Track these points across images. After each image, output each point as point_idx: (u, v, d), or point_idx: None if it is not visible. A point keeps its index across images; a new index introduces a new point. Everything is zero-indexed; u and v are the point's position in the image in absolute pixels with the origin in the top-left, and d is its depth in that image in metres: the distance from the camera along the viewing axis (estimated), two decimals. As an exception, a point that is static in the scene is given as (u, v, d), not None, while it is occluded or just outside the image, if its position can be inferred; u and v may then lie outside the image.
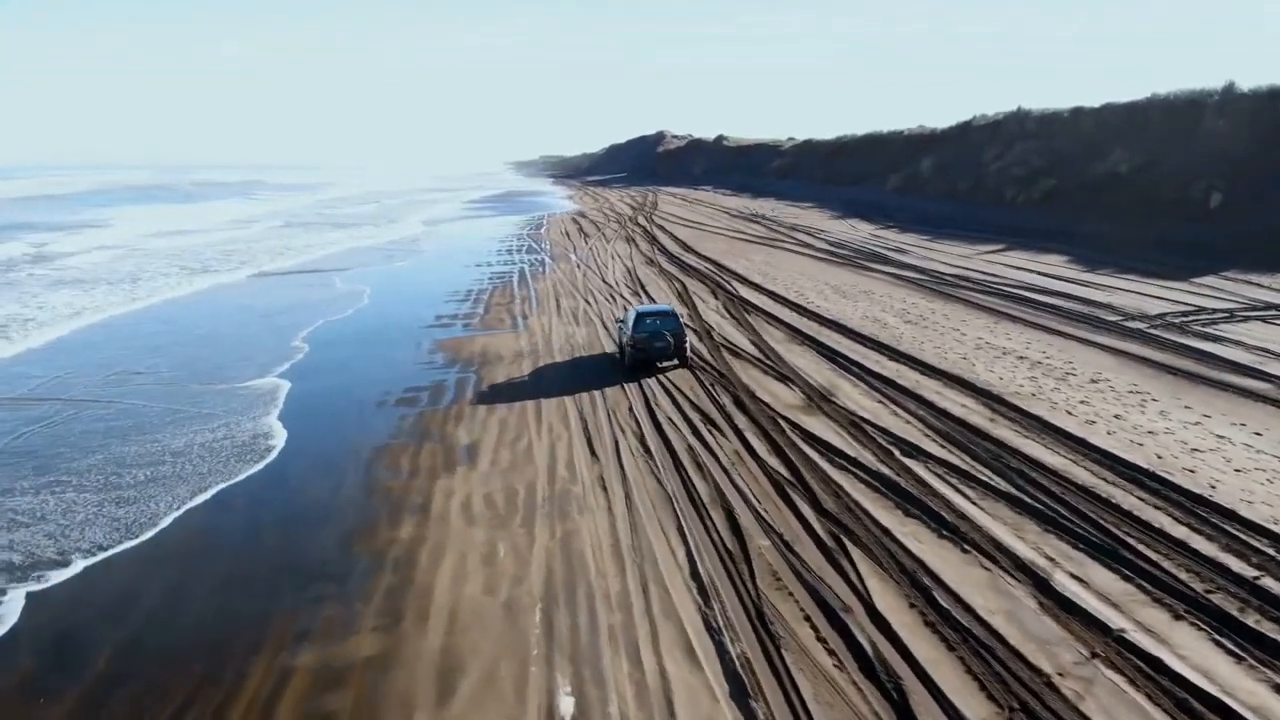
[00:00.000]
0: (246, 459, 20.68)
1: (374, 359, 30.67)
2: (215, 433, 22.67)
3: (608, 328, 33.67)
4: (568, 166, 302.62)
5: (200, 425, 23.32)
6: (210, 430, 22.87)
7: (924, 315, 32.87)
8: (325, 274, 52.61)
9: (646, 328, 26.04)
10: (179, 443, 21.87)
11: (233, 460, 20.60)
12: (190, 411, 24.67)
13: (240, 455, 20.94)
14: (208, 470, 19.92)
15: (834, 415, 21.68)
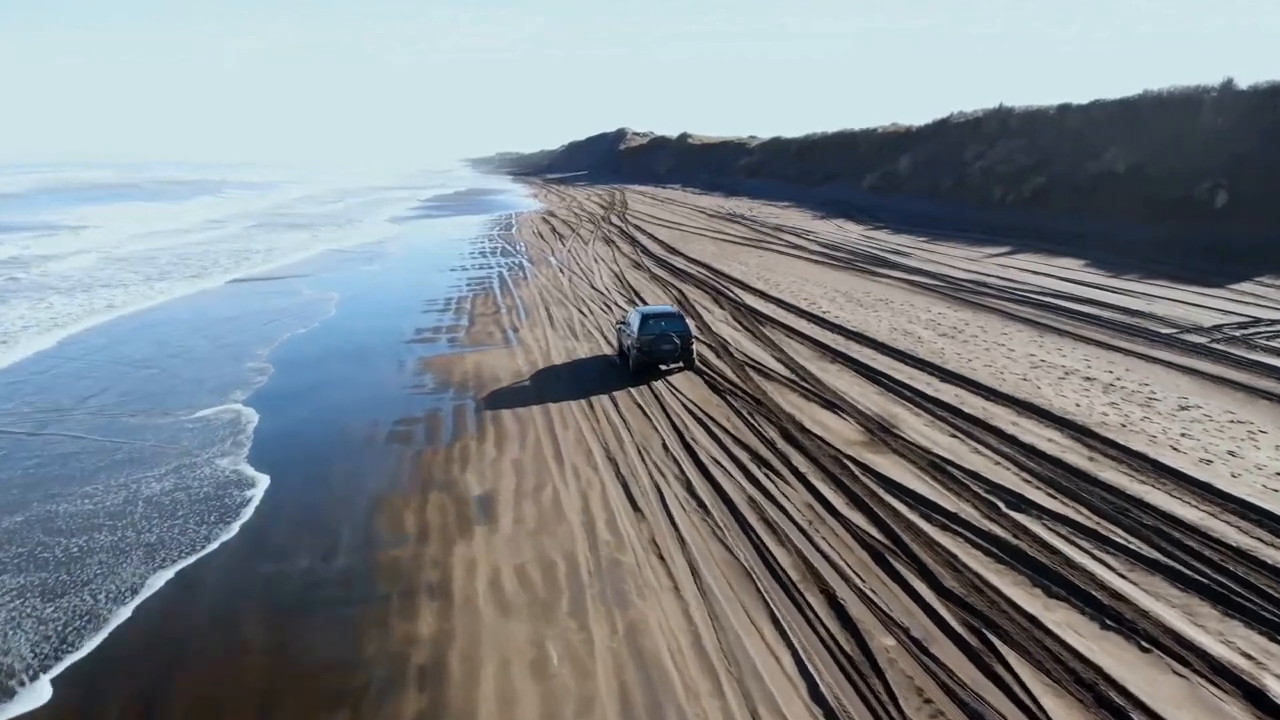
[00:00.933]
0: (215, 519, 17.10)
1: (354, 382, 27.06)
2: (176, 481, 19.01)
3: (613, 343, 30.45)
4: (526, 164, 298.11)
5: (158, 469, 19.64)
6: (171, 477, 19.21)
7: (957, 327, 30.06)
8: (294, 280, 48.62)
9: (652, 329, 25.03)
10: (124, 495, 18.20)
11: (198, 521, 17.00)
12: (146, 450, 20.96)
13: (207, 514, 17.35)
14: (167, 538, 16.29)
15: (906, 453, 18.66)
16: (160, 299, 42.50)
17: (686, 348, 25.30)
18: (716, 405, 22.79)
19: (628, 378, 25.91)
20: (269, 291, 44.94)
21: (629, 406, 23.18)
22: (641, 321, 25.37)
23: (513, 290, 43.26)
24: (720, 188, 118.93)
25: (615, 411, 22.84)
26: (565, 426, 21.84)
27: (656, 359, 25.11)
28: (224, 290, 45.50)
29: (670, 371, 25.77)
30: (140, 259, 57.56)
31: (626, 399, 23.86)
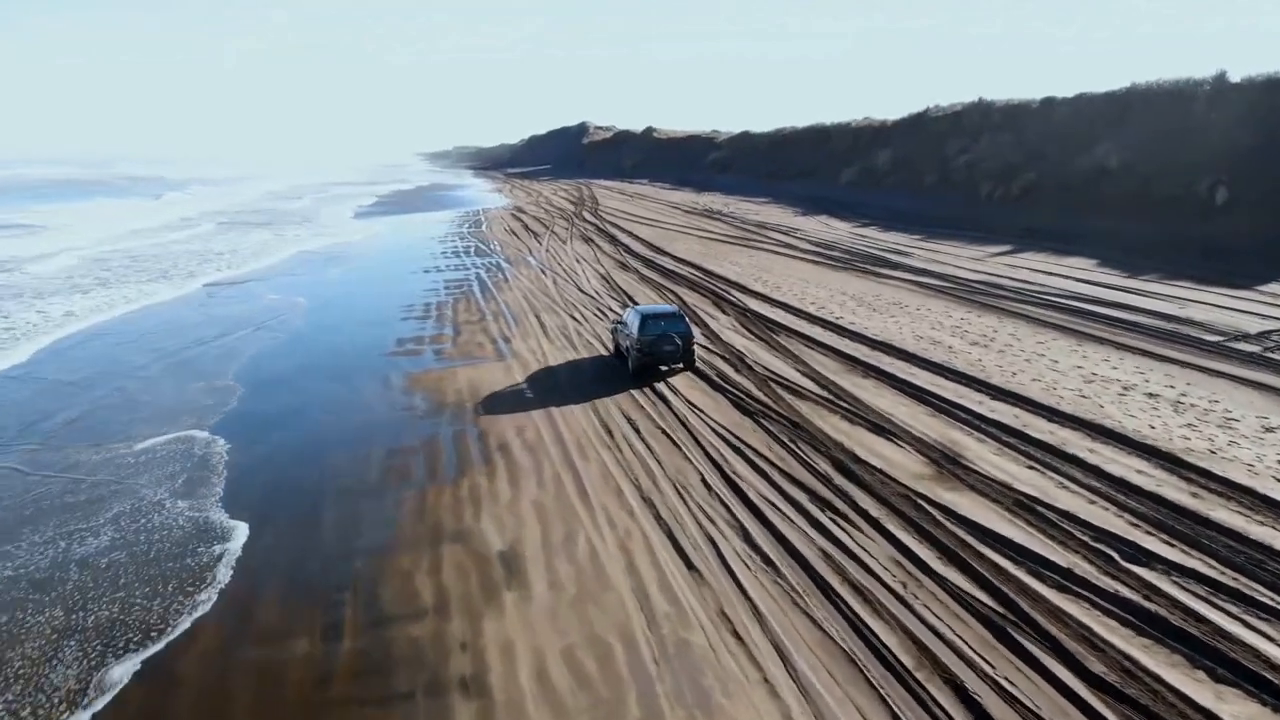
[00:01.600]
0: (186, 585, 14.30)
1: (335, 404, 24.25)
2: (137, 532, 16.15)
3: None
4: (486, 158, 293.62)
5: (111, 515, 16.78)
6: (129, 526, 16.35)
7: (986, 335, 27.94)
8: (260, 284, 45.39)
9: (653, 330, 24.39)
10: (57, 553, 15.32)
11: (164, 587, 14.20)
12: (98, 491, 18.06)
13: (175, 578, 14.55)
14: (123, 615, 13.48)
15: (984, 490, 16.38)
16: (125, 308, 39.12)
17: (688, 348, 24.66)
18: (751, 430, 20.36)
19: (643, 397, 23.45)
20: (233, 298, 41.74)
21: (652, 432, 20.67)
22: (641, 322, 24.59)
23: (495, 294, 40.49)
24: (690, 183, 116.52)
25: (637, 438, 20.33)
26: (585, 457, 19.28)
27: (658, 360, 24.42)
28: (182, 299, 42.13)
29: (671, 372, 25.04)
30: (98, 262, 53.83)
31: (647, 423, 21.35)
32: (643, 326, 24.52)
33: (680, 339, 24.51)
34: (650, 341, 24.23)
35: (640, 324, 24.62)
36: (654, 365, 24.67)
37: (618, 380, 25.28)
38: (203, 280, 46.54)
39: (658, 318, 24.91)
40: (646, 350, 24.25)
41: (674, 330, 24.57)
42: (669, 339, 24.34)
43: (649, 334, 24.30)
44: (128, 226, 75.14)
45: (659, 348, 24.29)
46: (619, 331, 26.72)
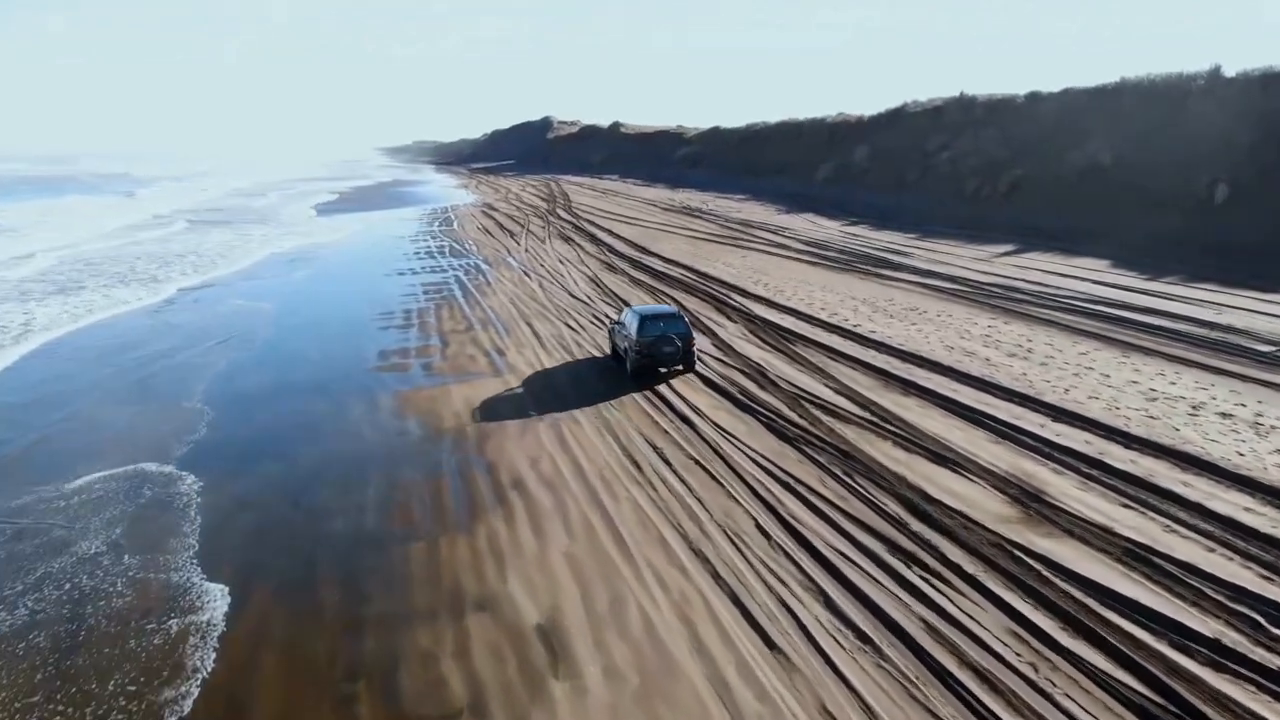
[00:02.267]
0: (162, 671, 11.74)
1: (318, 430, 21.66)
2: (85, 593, 13.54)
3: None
4: (447, 153, 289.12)
5: (55, 567, 14.14)
6: (74, 589, 13.73)
7: (1021, 344, 26.02)
8: (227, 287, 42.40)
9: (652, 331, 23.84)
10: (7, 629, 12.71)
11: (137, 678, 11.64)
12: (47, 541, 15.36)
13: (134, 668, 11.98)
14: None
15: (1083, 535, 14.32)
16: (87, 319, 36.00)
17: (688, 349, 24.20)
18: (796, 461, 18.14)
19: (664, 418, 21.18)
20: (198, 304, 38.76)
21: (684, 463, 18.37)
22: (640, 323, 24.08)
23: (479, 299, 37.93)
24: (662, 179, 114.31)
25: (669, 470, 18.02)
26: (613, 495, 16.94)
27: (657, 362, 23.95)
28: (146, 307, 39.04)
29: (671, 375, 24.44)
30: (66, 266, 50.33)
31: (676, 451, 19.05)
32: (641, 328, 23.92)
33: (680, 340, 23.90)
34: (649, 343, 23.63)
35: (639, 325, 24.00)
36: (653, 367, 24.05)
37: (631, 398, 22.96)
38: (168, 286, 43.38)
39: (656, 318, 24.32)
40: (646, 352, 23.65)
41: (673, 331, 23.96)
42: (669, 340, 23.74)
43: (648, 335, 23.71)
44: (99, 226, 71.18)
45: (658, 349, 23.70)
46: (616, 332, 26.00)
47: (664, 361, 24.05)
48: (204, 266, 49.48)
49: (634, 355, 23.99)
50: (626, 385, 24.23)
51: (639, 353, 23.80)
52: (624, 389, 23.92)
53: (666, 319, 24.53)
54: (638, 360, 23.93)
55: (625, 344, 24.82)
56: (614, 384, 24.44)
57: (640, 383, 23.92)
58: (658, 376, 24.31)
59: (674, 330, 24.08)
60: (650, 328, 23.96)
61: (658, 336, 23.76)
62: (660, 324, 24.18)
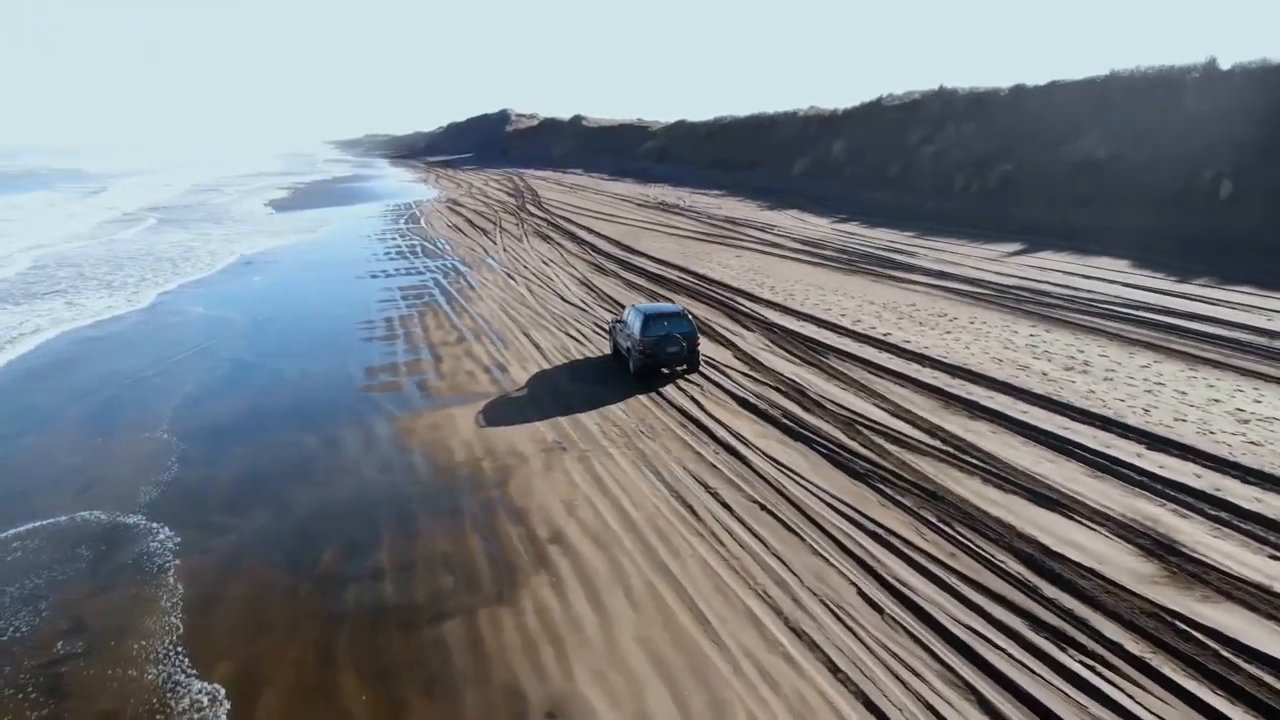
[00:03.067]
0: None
1: (309, 470, 18.80)
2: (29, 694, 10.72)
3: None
4: (401, 146, 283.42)
5: None
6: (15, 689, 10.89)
7: (1074, 356, 23.95)
8: (194, 293, 39.00)
9: (656, 330, 23.20)
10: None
11: None
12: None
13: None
14: None
15: (1247, 599, 12.18)
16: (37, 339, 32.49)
17: (692, 349, 23.56)
18: (877, 504, 15.73)
19: (707, 448, 18.68)
20: (161, 314, 35.40)
21: (747, 508, 15.87)
22: (644, 322, 23.42)
23: (465, 306, 35.08)
24: (630, 173, 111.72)
25: (731, 517, 15.51)
26: (675, 552, 14.38)
27: (661, 362, 23.32)
28: (105, 319, 35.60)
29: (675, 375, 23.80)
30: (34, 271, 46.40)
31: (733, 492, 16.54)
32: (645, 327, 23.29)
33: (685, 340, 23.35)
34: (653, 342, 23.03)
35: (643, 324, 23.37)
36: (657, 367, 23.45)
37: (664, 424, 20.41)
38: (137, 292, 39.85)
39: (661, 317, 23.62)
40: (650, 352, 23.06)
41: (678, 331, 23.38)
42: (673, 340, 23.16)
43: (652, 334, 23.13)
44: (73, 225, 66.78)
45: (663, 349, 23.09)
46: (618, 331, 25.41)
47: (668, 362, 23.34)
48: (169, 270, 45.90)
49: (637, 355, 23.28)
50: (654, 409, 21.67)
51: (642, 352, 23.10)
52: (651, 412, 21.36)
53: (670, 318, 23.71)
54: (641, 360, 23.22)
55: (628, 343, 24.05)
56: (639, 407, 21.87)
57: (644, 382, 23.36)
58: (662, 376, 23.68)
59: (679, 330, 23.37)
60: (654, 327, 23.26)
61: (662, 336, 23.06)
62: (664, 323, 23.42)
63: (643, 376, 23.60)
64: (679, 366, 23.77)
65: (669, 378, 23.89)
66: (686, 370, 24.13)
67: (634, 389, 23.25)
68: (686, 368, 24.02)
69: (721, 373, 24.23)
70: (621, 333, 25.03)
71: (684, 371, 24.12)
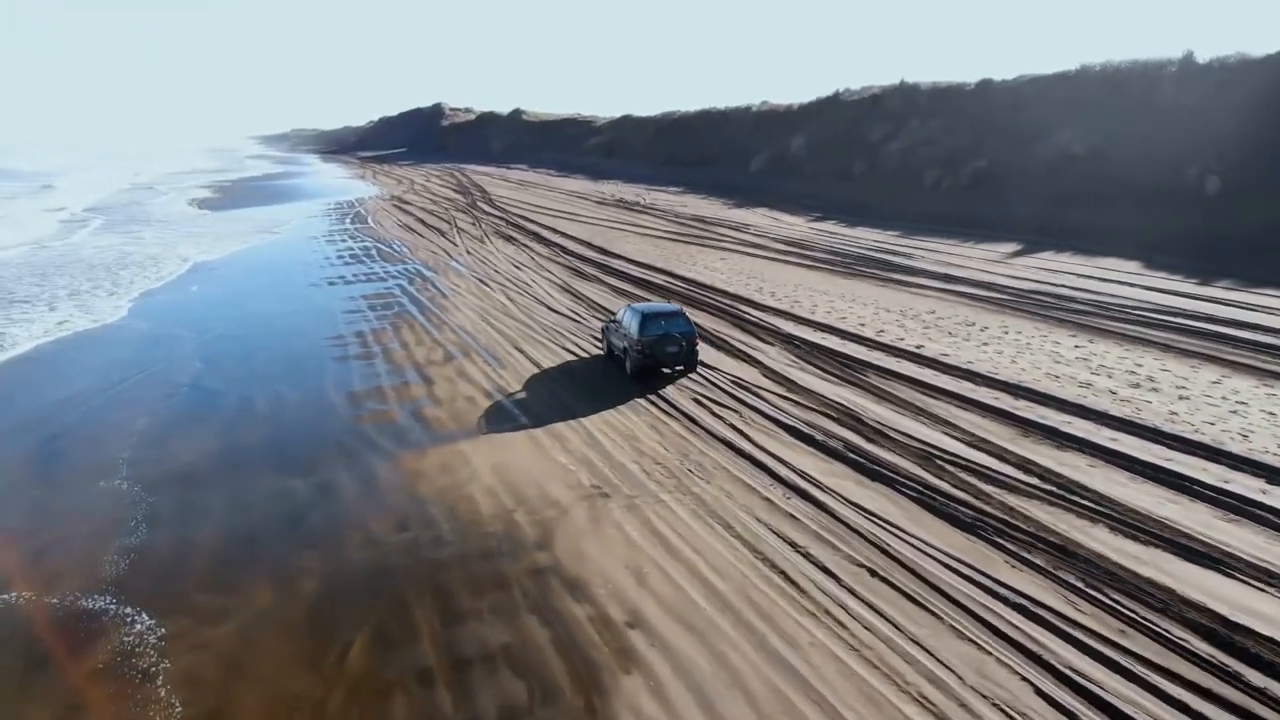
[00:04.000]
0: None
1: (306, 529, 15.81)
2: None
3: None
4: (330, 141, 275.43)
5: None
6: None
7: (1135, 371, 22.11)
8: (138, 305, 35.13)
9: (655, 330, 22.91)
10: None
11: None
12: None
13: None
14: None
15: None
16: None
17: (691, 349, 23.23)
18: (1003, 563, 13.41)
19: (773, 490, 16.18)
20: (108, 330, 31.62)
21: (850, 571, 13.41)
22: (642, 321, 23.08)
23: (442, 317, 32.06)
24: (579, 169, 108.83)
25: (836, 585, 13.05)
26: (787, 638, 11.84)
27: (660, 362, 23.00)
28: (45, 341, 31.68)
29: (673, 376, 23.46)
30: None
31: (828, 552, 14.06)
32: (644, 326, 22.97)
33: (684, 339, 23.04)
34: (652, 342, 22.77)
35: (641, 324, 23.05)
36: (655, 368, 23.15)
37: (710, 459, 17.85)
38: (69, 307, 35.83)
39: (659, 316, 23.30)
40: (648, 352, 22.78)
41: (677, 330, 23.11)
42: (672, 339, 22.89)
43: (650, 334, 22.85)
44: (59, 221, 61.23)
45: (662, 349, 22.83)
46: (612, 331, 24.97)
47: (667, 362, 23.02)
48: (111, 281, 41.77)
49: (635, 355, 22.98)
50: (694, 439, 19.09)
51: (641, 352, 22.81)
52: (691, 444, 18.78)
53: (668, 317, 23.40)
54: (640, 360, 22.91)
55: (623, 343, 23.74)
56: (675, 437, 19.27)
57: (641, 382, 23.03)
58: (661, 377, 23.33)
59: (677, 329, 23.09)
60: (653, 326, 22.96)
61: (661, 335, 22.82)
62: (662, 322, 23.14)
63: (639, 376, 23.17)
64: (678, 366, 23.25)
65: (677, 387, 21.38)
66: (684, 371, 23.62)
67: (661, 414, 20.65)
68: (684, 368, 23.51)
69: (756, 395, 21.78)
70: (616, 333, 24.48)
71: (682, 372, 23.59)
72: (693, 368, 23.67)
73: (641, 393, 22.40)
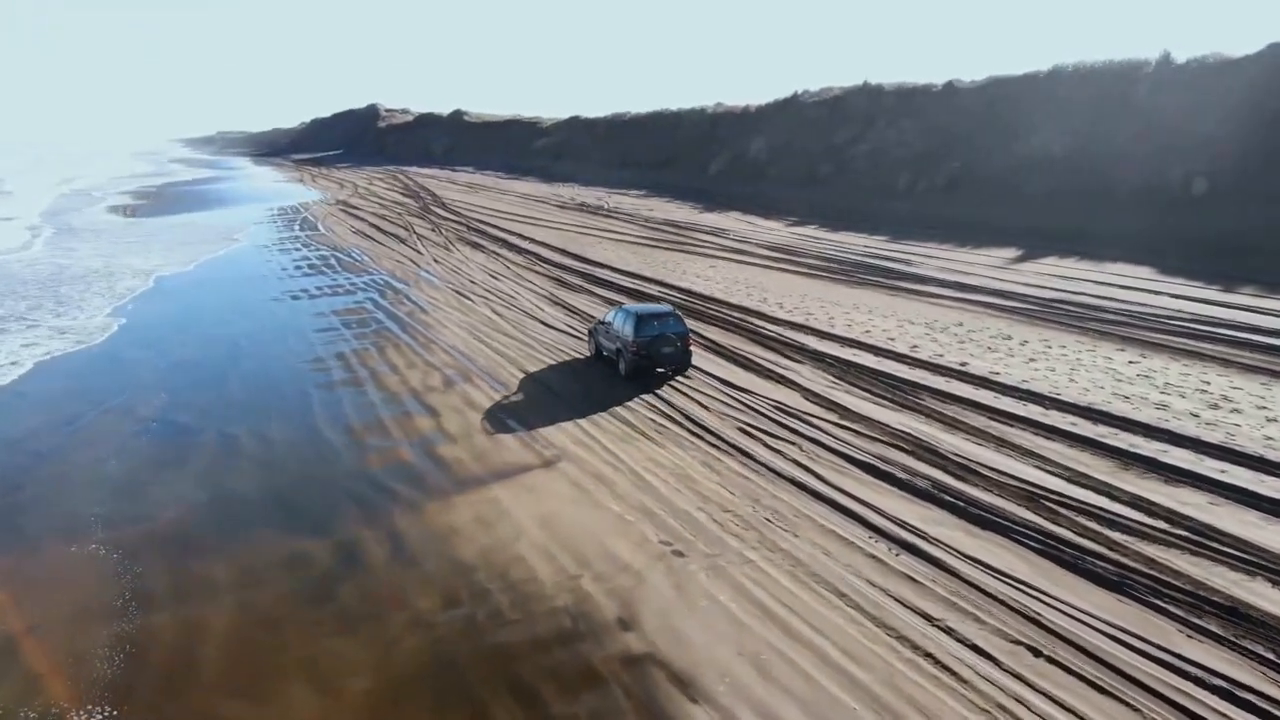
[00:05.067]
0: None
1: (335, 606, 13.29)
2: None
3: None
4: (261, 143, 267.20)
5: None
6: None
7: (1206, 390, 20.70)
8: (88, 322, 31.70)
9: (649, 331, 23.08)
10: None
11: None
12: None
13: None
14: None
15: None
16: None
17: (685, 349, 23.43)
18: (1176, 633, 11.56)
19: (879, 547, 14.10)
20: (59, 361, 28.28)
21: (1007, 650, 11.42)
22: (636, 323, 23.21)
23: (427, 334, 29.48)
24: (528, 172, 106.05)
25: (999, 670, 11.07)
26: (963, 743, 9.68)
27: (656, 363, 23.17)
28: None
29: (667, 376, 23.55)
30: None
31: (969, 624, 12.05)
32: (639, 328, 23.07)
33: (678, 340, 23.23)
34: (647, 343, 22.93)
35: (635, 325, 23.12)
36: (650, 368, 23.28)
37: (785, 504, 15.72)
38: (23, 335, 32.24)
39: (653, 318, 23.42)
40: (644, 353, 22.93)
41: (671, 331, 23.25)
42: (667, 340, 23.07)
43: (645, 335, 23.00)
44: None
45: (657, 349, 23.00)
46: (601, 333, 24.98)
47: (663, 362, 23.18)
48: (54, 302, 38.05)
49: (630, 356, 23.04)
50: (755, 478, 16.94)
51: (636, 353, 22.89)
52: (754, 484, 16.64)
53: (662, 318, 23.50)
54: (635, 361, 23.01)
55: (616, 344, 23.79)
56: (733, 475, 17.11)
57: (635, 383, 23.04)
58: (655, 377, 23.37)
59: (672, 330, 23.25)
60: (647, 327, 23.04)
61: (655, 336, 22.96)
62: (655, 323, 23.22)
63: (633, 378, 23.20)
64: (672, 367, 23.41)
65: (716, 415, 19.26)
66: (676, 371, 23.65)
67: (709, 447, 18.46)
68: (676, 369, 23.58)
69: (806, 422, 19.74)
70: (605, 334, 24.51)
71: (674, 373, 23.62)
72: (684, 369, 23.67)
73: (676, 419, 20.21)
